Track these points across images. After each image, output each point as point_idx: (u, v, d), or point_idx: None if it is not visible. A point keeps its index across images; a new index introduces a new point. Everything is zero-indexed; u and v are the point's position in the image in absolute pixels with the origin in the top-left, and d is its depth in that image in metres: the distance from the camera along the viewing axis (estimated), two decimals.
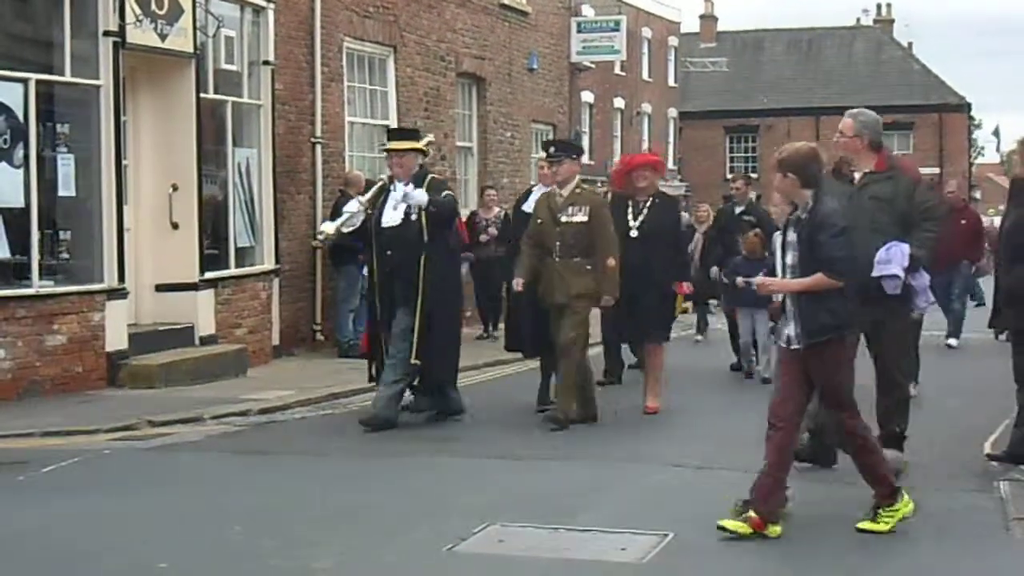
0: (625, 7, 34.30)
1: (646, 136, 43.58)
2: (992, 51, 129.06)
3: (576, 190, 10.77)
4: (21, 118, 11.95)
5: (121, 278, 12.91)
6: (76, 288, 12.55)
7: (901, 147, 54.41)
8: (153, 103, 14.01)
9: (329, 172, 17.10)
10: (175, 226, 13.91)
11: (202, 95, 14.20)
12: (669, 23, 44.40)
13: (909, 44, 59.38)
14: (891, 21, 58.86)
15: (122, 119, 13.07)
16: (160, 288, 13.95)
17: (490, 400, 11.06)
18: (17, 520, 7.38)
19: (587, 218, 10.58)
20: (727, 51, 55.39)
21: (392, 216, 10.66)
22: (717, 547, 6.77)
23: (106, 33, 12.72)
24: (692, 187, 46.41)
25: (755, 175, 37.79)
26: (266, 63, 15.70)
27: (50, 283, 12.34)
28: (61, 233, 12.64)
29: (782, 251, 7.18)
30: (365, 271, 12.25)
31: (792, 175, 7.08)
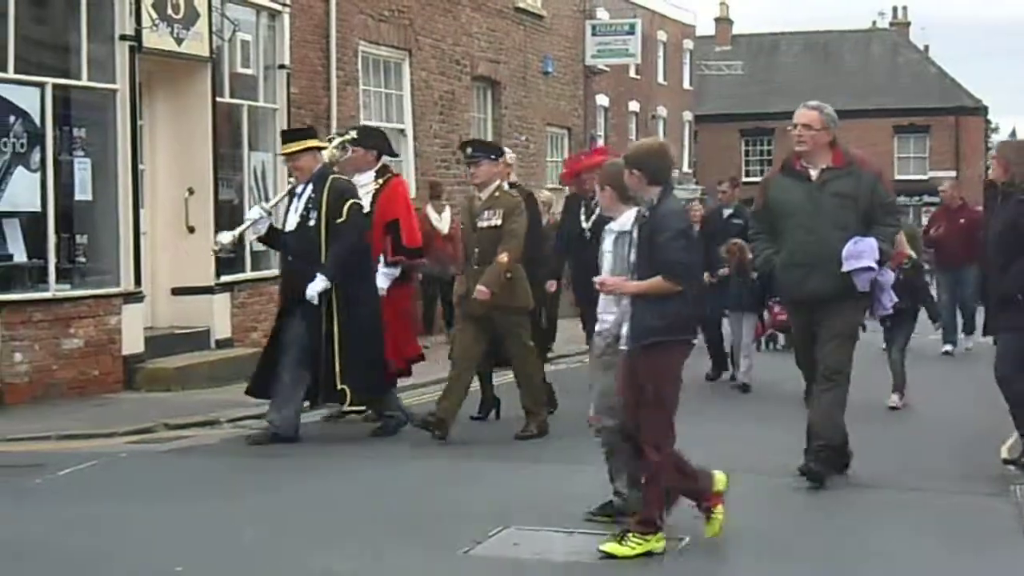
0: (640, 10, 34.17)
1: (661, 139, 43.44)
2: (1010, 53, 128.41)
3: (495, 193, 10.13)
4: (38, 122, 12.00)
5: (137, 282, 12.96)
6: (93, 292, 12.60)
7: (917, 150, 54.39)
8: (169, 107, 14.06)
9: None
10: (191, 230, 13.96)
11: (218, 99, 14.27)
12: (684, 26, 44.26)
13: (925, 47, 59.23)
14: (907, 24, 58.71)
15: (138, 123, 13.13)
16: (176, 292, 14.01)
17: (504, 405, 11.03)
18: (34, 523, 7.40)
19: (500, 222, 9.99)
20: (742, 54, 55.25)
21: (291, 220, 10.13)
22: (732, 550, 6.77)
23: (123, 37, 12.77)
24: (707, 190, 46.33)
25: None
26: (282, 67, 15.75)
27: (67, 287, 12.38)
28: (78, 237, 12.69)
29: (628, 249, 6.86)
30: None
31: (637, 171, 6.73)
